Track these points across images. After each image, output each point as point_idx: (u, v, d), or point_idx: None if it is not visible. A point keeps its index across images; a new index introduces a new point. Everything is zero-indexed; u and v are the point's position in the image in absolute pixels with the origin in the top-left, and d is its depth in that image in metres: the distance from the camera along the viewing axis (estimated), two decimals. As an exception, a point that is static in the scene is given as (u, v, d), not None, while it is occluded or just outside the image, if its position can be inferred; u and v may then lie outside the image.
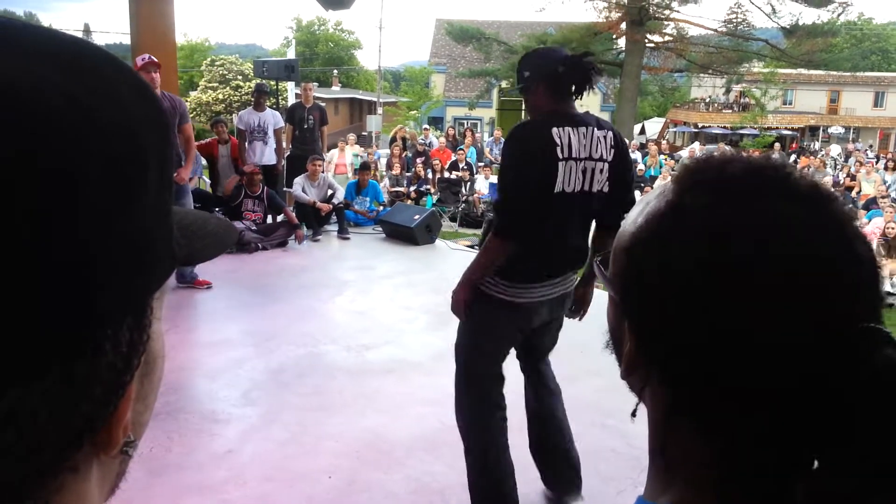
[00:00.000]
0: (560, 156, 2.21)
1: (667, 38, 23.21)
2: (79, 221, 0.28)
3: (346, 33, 49.00)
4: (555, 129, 2.23)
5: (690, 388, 0.48)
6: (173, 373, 3.94)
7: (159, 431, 3.25)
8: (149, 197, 0.32)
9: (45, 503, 0.31)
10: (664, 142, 19.49)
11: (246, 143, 7.52)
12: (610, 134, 2.36)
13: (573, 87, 2.33)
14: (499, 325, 2.41)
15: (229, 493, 2.80)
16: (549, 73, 2.30)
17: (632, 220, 0.53)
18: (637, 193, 13.56)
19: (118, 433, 0.33)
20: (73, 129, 0.28)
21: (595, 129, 2.31)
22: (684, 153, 16.45)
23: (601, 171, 2.31)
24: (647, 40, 22.42)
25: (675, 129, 33.27)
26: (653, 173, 13.54)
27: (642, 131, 30.55)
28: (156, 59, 5.25)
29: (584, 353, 4.59)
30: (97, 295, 0.29)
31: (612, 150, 2.35)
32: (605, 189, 2.34)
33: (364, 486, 2.90)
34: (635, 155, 15.07)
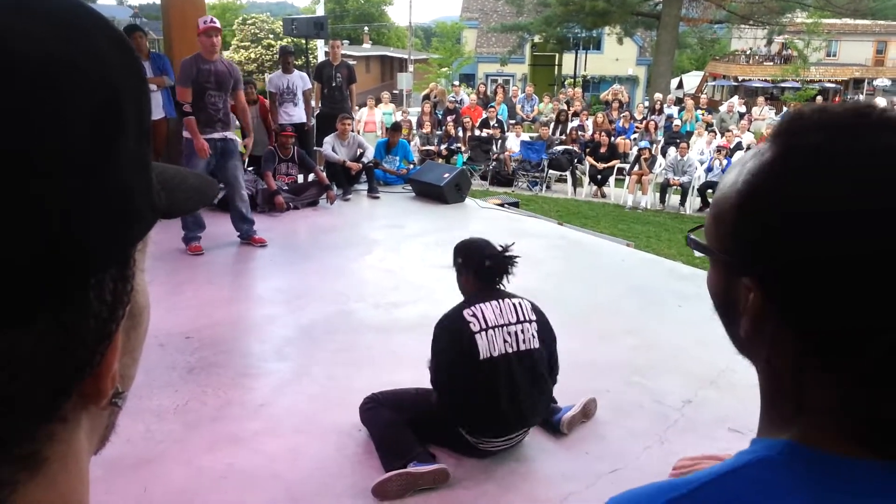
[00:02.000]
0: (474, 329, 2.62)
1: (706, -13, 22.39)
2: (61, 170, 0.29)
3: (376, -11, 48.28)
4: (466, 311, 2.67)
5: (821, 329, 0.50)
6: (208, 329, 4.04)
7: (195, 385, 3.35)
8: (128, 148, 0.33)
9: (36, 452, 0.32)
10: (703, 96, 18.91)
11: (277, 105, 7.67)
12: (524, 300, 2.79)
13: (495, 276, 2.80)
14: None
15: (263, 444, 2.88)
16: (478, 265, 2.78)
17: (730, 183, 0.55)
18: (672, 150, 13.07)
19: (106, 383, 0.34)
20: (52, 80, 0.29)
21: (508, 299, 2.75)
22: (723, 108, 15.98)
23: (525, 330, 2.69)
24: (685, -10, 21.66)
25: (714, 83, 32.29)
26: (688, 129, 13.20)
27: (680, 85, 29.74)
28: (217, 24, 5.37)
29: (613, 312, 4.58)
30: (80, 244, 0.30)
31: (532, 312, 2.77)
32: (535, 345, 2.70)
33: (392, 439, 2.96)
34: (671, 110, 14.70)
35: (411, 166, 9.09)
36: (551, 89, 22.70)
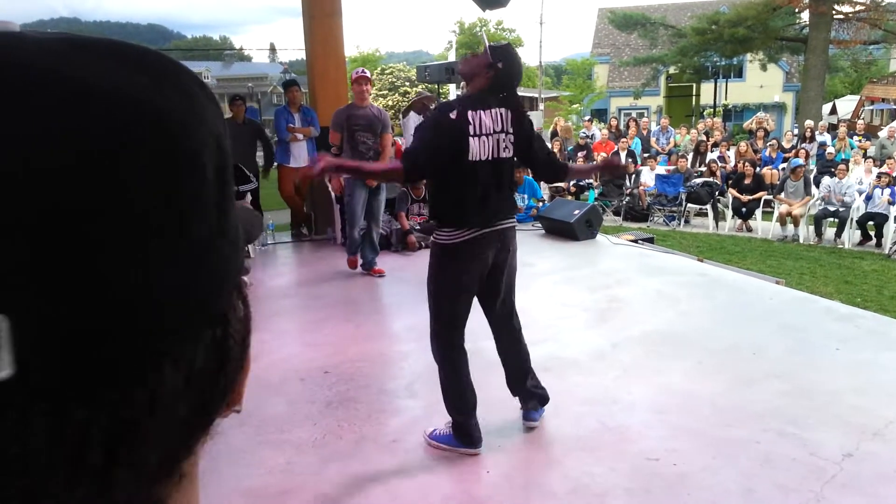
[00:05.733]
0: (470, 133, 2.83)
1: (858, 7, 20.80)
2: (200, 213, 0.31)
3: (506, 31, 49.21)
4: (470, 113, 2.85)
5: None
6: (345, 364, 4.19)
7: (332, 419, 3.47)
8: (232, 184, 0.36)
9: (181, 468, 0.34)
10: (860, 121, 17.45)
11: None
12: (508, 111, 2.94)
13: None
14: (451, 269, 2.99)
15: (393, 481, 2.92)
16: (512, 77, 2.97)
17: None
18: (826, 178, 12.15)
19: (242, 391, 0.38)
20: (187, 126, 0.32)
21: (498, 108, 2.92)
22: (883, 133, 14.63)
23: (504, 140, 2.93)
24: (834, 12, 20.23)
25: (871, 107, 29.72)
26: (843, 157, 12.20)
27: (833, 111, 27.67)
28: (367, 74, 5.96)
29: (759, 354, 4.26)
30: (221, 272, 0.33)
31: (512, 125, 2.94)
32: (510, 155, 2.96)
33: (521, 482, 2.90)
34: (823, 137, 13.68)
35: (540, 204, 9.06)
36: (689, 120, 21.88)
